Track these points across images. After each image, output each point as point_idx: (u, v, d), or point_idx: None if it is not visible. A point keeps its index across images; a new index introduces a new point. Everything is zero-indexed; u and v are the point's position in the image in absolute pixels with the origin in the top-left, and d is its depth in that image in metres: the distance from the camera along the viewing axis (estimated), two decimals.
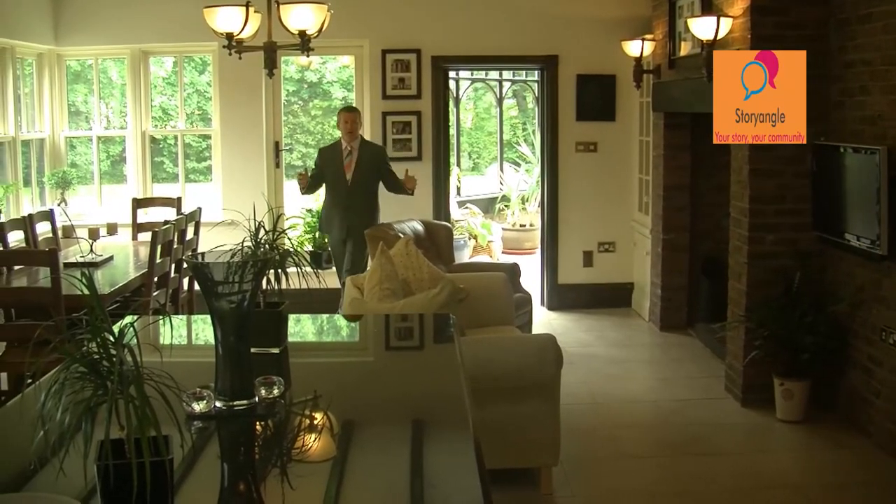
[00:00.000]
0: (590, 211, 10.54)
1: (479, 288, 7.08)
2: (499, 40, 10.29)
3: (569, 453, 6.05)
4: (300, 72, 18.04)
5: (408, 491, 2.61)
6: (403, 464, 2.79)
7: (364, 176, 8.94)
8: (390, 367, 4.20)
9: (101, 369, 2.20)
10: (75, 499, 2.34)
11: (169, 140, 14.77)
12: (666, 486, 5.95)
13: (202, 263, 3.05)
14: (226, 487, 2.72)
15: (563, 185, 10.52)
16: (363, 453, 2.91)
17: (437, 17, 10.24)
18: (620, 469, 6.23)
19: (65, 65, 10.75)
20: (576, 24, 10.23)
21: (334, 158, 8.97)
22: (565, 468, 5.97)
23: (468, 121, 19.11)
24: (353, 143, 8.91)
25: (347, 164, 8.90)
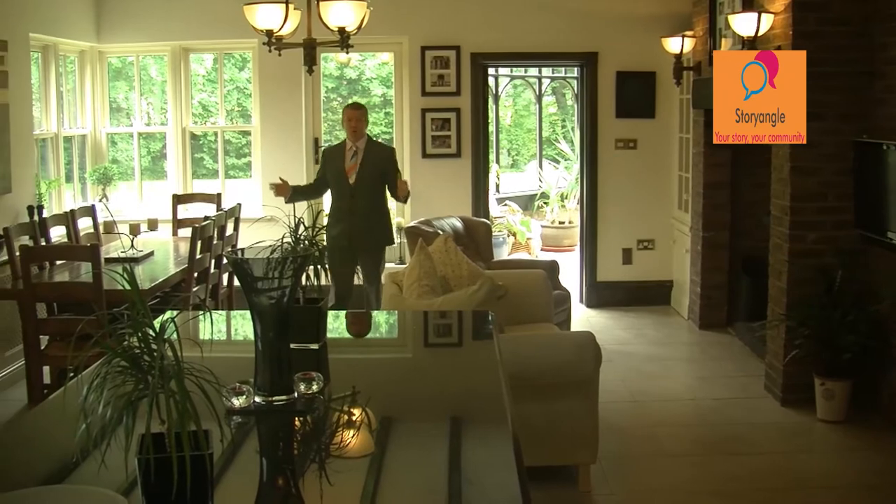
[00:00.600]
0: (629, 208, 10.50)
1: (518, 285, 7.07)
2: (538, 37, 10.27)
3: (607, 451, 6.04)
4: (339, 68, 18.06)
5: (446, 487, 2.61)
6: (441, 460, 2.79)
7: (369, 179, 8.32)
8: (429, 363, 4.20)
9: (142, 364, 2.21)
10: (116, 491, 2.36)
11: (209, 136, 14.85)
12: (703, 486, 5.92)
13: (242, 259, 3.07)
14: (264, 483, 2.73)
15: (603, 183, 10.49)
16: (401, 450, 2.92)
17: (477, 13, 10.23)
18: (658, 467, 6.21)
19: (106, 62, 10.82)
20: (616, 21, 10.19)
21: (337, 160, 8.42)
22: (603, 466, 5.95)
23: (507, 118, 19.08)
24: (359, 143, 8.36)
25: (351, 166, 8.31)
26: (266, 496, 2.62)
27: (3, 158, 8.16)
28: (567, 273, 10.01)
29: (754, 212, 9.14)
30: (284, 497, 2.66)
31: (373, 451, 2.91)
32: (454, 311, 5.32)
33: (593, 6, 10.20)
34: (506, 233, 13.66)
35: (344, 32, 6.52)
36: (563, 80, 17.86)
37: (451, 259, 6.83)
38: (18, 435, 3.56)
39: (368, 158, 8.34)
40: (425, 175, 10.34)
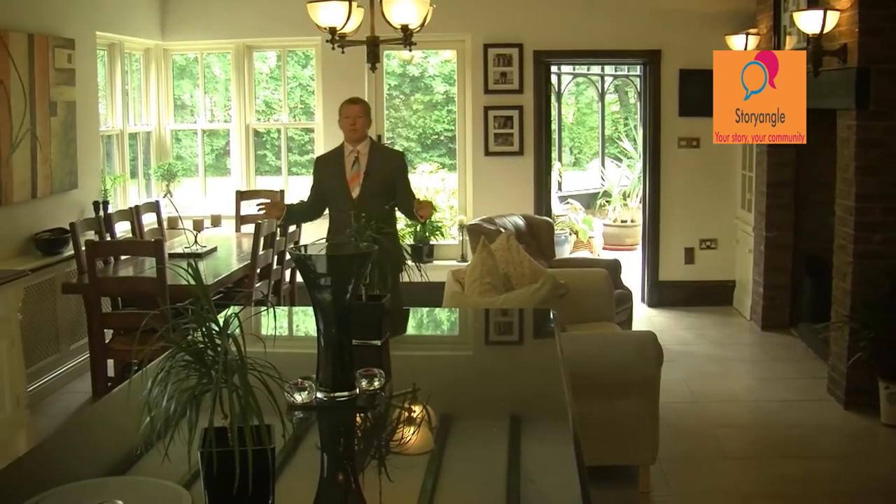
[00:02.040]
0: (692, 207, 10.42)
1: (580, 284, 7.04)
2: (601, 35, 10.22)
3: (667, 452, 6.00)
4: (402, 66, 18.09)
5: (504, 486, 2.61)
6: (501, 458, 2.79)
7: (376, 190, 6.81)
8: (490, 361, 4.20)
9: (206, 358, 2.23)
10: (178, 484, 2.38)
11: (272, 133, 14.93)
12: (763, 488, 5.86)
13: (306, 256, 3.08)
14: (325, 478, 2.75)
15: (665, 181, 10.42)
16: (461, 447, 2.92)
17: (540, 11, 10.21)
18: (718, 469, 6.15)
19: (171, 60, 10.93)
20: (679, 19, 10.12)
21: (335, 169, 6.94)
22: (663, 467, 5.92)
23: (570, 116, 19.01)
24: (360, 147, 6.92)
25: (353, 176, 6.88)
26: (326, 491, 2.64)
27: (69, 155, 8.27)
28: (629, 272, 9.95)
29: (818, 212, 9.02)
30: (344, 493, 2.67)
31: (432, 448, 2.92)
32: (515, 309, 5.32)
33: (657, 4, 10.14)
34: (568, 231, 13.61)
35: (407, 30, 6.53)
36: (625, 77, 17.77)
37: (514, 257, 6.82)
38: (82, 427, 3.60)
39: (374, 166, 6.89)
40: (488, 173, 10.34)
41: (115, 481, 2.61)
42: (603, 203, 16.04)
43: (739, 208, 10.29)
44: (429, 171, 12.65)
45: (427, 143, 18.97)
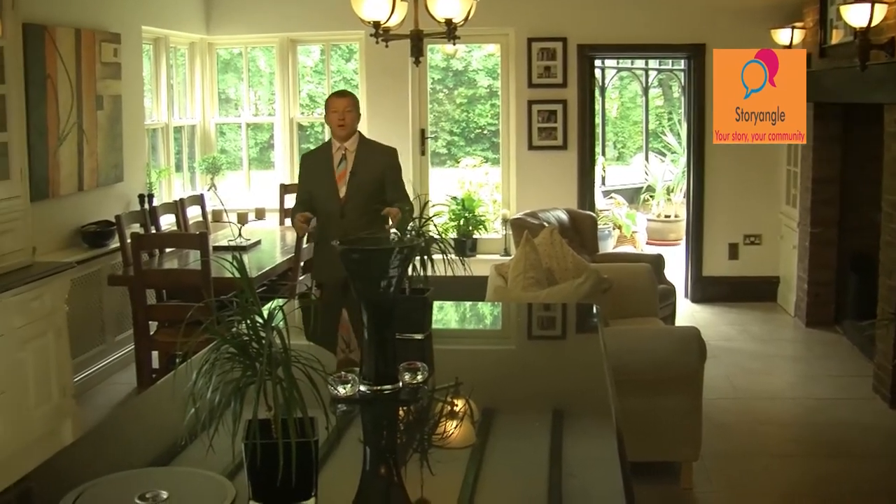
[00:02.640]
0: (736, 202, 10.35)
1: (623, 279, 7.02)
2: (645, 29, 10.17)
3: (710, 448, 5.96)
4: (446, 60, 18.09)
5: (546, 480, 2.60)
6: (543, 453, 2.79)
7: (364, 190, 6.39)
8: (532, 355, 4.20)
9: (250, 351, 2.24)
10: (221, 475, 2.40)
11: (316, 127, 14.95)
12: (806, 487, 5.82)
13: (351, 249, 3.09)
14: (367, 470, 2.76)
15: (710, 176, 10.36)
16: (503, 442, 2.92)
17: (584, 5, 10.17)
18: (761, 467, 6.11)
19: (215, 54, 10.98)
20: (723, 12, 10.04)
21: (323, 167, 6.50)
22: (706, 463, 5.88)
23: (613, 110, 18.93)
24: (348, 144, 6.46)
25: (340, 174, 6.43)
26: (369, 484, 2.65)
27: (115, 148, 8.33)
28: (672, 267, 9.91)
29: (865, 208, 8.94)
30: (386, 486, 2.68)
31: (474, 442, 2.92)
32: (558, 304, 5.31)
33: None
34: (611, 226, 13.56)
35: (451, 24, 6.53)
36: (669, 71, 17.67)
37: (557, 251, 6.80)
38: (128, 417, 3.63)
39: (362, 163, 6.45)
40: (531, 167, 10.32)
41: (159, 472, 2.63)
42: (646, 198, 15.97)
43: (784, 204, 10.21)
44: (472, 165, 12.65)
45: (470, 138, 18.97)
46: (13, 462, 5.49)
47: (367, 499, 2.53)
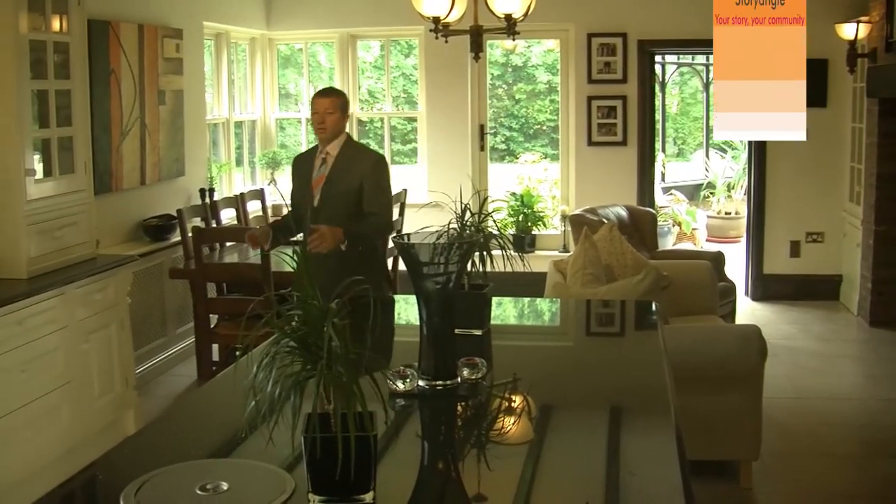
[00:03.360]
0: (798, 200, 10.24)
1: (683, 276, 6.98)
2: (706, 23, 10.01)
3: (770, 448, 5.91)
4: (505, 55, 18.08)
5: (604, 477, 2.60)
6: (600, 450, 2.78)
7: (339, 199, 5.75)
8: (590, 352, 4.19)
9: (310, 345, 2.25)
10: (280, 467, 2.42)
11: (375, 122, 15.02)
12: (867, 489, 5.75)
13: (409, 244, 3.10)
14: (425, 465, 2.76)
15: (771, 173, 10.26)
16: (560, 438, 2.92)
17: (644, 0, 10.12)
18: (822, 468, 6.04)
19: (276, 49, 11.05)
20: None
21: (305, 171, 5.95)
22: (766, 463, 5.83)
23: (673, 106, 18.82)
24: (331, 148, 5.82)
25: (317, 180, 5.83)
26: (426, 478, 2.65)
27: (177, 142, 8.41)
28: (732, 265, 9.83)
29: None
30: (444, 481, 2.68)
31: (532, 438, 2.92)
32: (617, 301, 5.29)
33: None
34: (671, 222, 13.48)
35: (510, 19, 6.52)
36: None
37: (616, 248, 6.78)
38: (188, 409, 3.67)
39: (341, 169, 5.80)
40: (591, 163, 10.28)
41: (218, 463, 2.65)
42: (707, 194, 15.86)
43: (847, 201, 10.09)
44: (531, 160, 12.63)
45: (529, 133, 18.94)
46: (77, 451, 5.58)
47: (424, 493, 2.54)
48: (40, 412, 5.39)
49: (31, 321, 5.32)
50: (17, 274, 5.60)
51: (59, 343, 5.57)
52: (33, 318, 5.35)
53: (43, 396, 5.41)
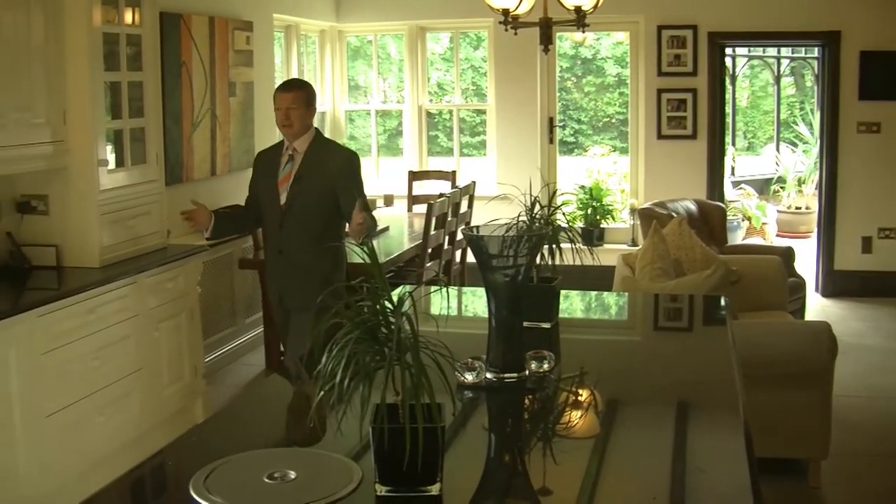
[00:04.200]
0: (870, 195, 10.10)
1: (753, 271, 6.92)
2: (778, 15, 9.97)
3: (839, 447, 5.82)
4: (574, 48, 18.03)
5: (670, 473, 2.58)
6: (667, 446, 2.77)
7: (309, 199, 5.47)
8: (658, 347, 4.16)
9: (379, 336, 2.27)
10: (347, 457, 2.44)
11: (444, 115, 15.05)
12: None
13: (479, 236, 3.10)
14: (491, 457, 2.77)
15: (843, 167, 10.12)
16: (626, 433, 2.90)
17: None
18: (892, 468, 5.95)
19: (345, 41, 11.10)
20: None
21: (270, 168, 5.62)
22: (835, 462, 5.75)
23: (744, 99, 18.65)
24: (298, 144, 5.51)
25: (283, 178, 5.52)
26: (493, 471, 2.66)
27: (247, 134, 8.48)
28: (802, 260, 9.72)
29: None
30: (510, 473, 2.69)
31: (598, 432, 2.91)
32: (685, 295, 5.25)
33: None
34: (740, 217, 13.38)
35: (580, 11, 6.50)
36: (802, 59, 17.32)
37: (685, 242, 6.74)
38: (256, 398, 3.70)
39: (311, 167, 5.49)
40: (660, 156, 10.22)
41: (286, 452, 2.68)
42: (777, 189, 15.71)
43: None
44: (600, 154, 12.59)
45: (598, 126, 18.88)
46: (147, 437, 5.65)
47: (491, 485, 2.54)
48: (112, 398, 5.48)
49: (103, 309, 5.40)
50: (90, 263, 5.70)
51: (130, 331, 5.65)
52: (105, 306, 5.43)
53: (114, 383, 5.50)
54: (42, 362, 4.91)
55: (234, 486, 2.35)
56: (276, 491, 2.32)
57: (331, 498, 2.25)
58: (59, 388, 5.04)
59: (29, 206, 5.75)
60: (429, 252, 7.69)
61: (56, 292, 5.26)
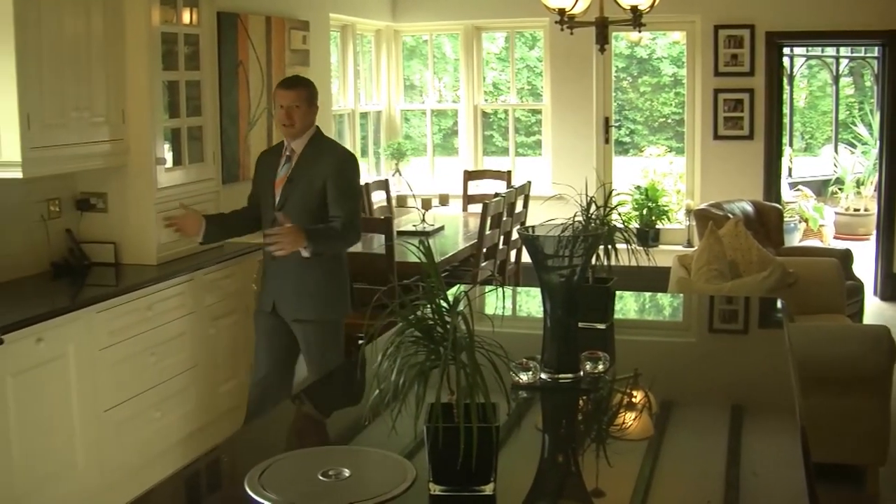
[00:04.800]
0: None
1: (810, 273, 6.85)
2: (837, 15, 9.86)
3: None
4: (630, 47, 17.96)
5: (723, 477, 2.57)
6: (721, 449, 2.75)
7: (301, 201, 5.26)
8: (713, 349, 4.14)
9: (435, 335, 2.27)
10: (401, 455, 2.44)
11: (499, 114, 15.05)
12: None
13: (535, 236, 3.10)
14: (545, 458, 2.77)
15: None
16: (680, 435, 2.89)
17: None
18: None
19: (401, 41, 11.13)
20: None
21: (269, 169, 5.43)
22: (893, 469, 5.67)
23: (801, 99, 18.48)
24: (296, 144, 5.32)
25: (280, 180, 5.33)
26: (546, 471, 2.65)
27: None
28: (861, 263, 9.61)
29: None
30: (563, 474, 2.68)
31: (652, 434, 2.90)
32: (741, 297, 5.21)
33: None
34: (797, 219, 13.25)
35: (636, 11, 6.48)
36: (861, 59, 17.13)
37: (741, 243, 6.69)
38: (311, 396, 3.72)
39: (305, 168, 5.29)
40: (716, 157, 10.15)
41: (341, 450, 2.69)
42: (835, 190, 15.54)
43: None
44: (656, 154, 12.53)
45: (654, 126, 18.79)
46: (202, 434, 5.70)
47: (544, 486, 2.54)
48: (167, 395, 5.53)
49: (160, 306, 5.45)
50: (147, 260, 5.76)
51: (186, 328, 5.70)
52: (162, 303, 5.48)
53: (170, 379, 5.55)
54: (100, 358, 4.97)
55: (288, 483, 2.36)
56: (330, 488, 2.34)
57: (384, 496, 2.26)
58: (116, 383, 5.10)
59: (88, 203, 5.83)
60: (483, 252, 7.69)
61: (114, 289, 5.32)
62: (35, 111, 4.89)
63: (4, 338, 4.28)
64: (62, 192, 5.73)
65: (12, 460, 4.41)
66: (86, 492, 4.88)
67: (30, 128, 4.84)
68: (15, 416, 4.42)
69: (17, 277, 5.35)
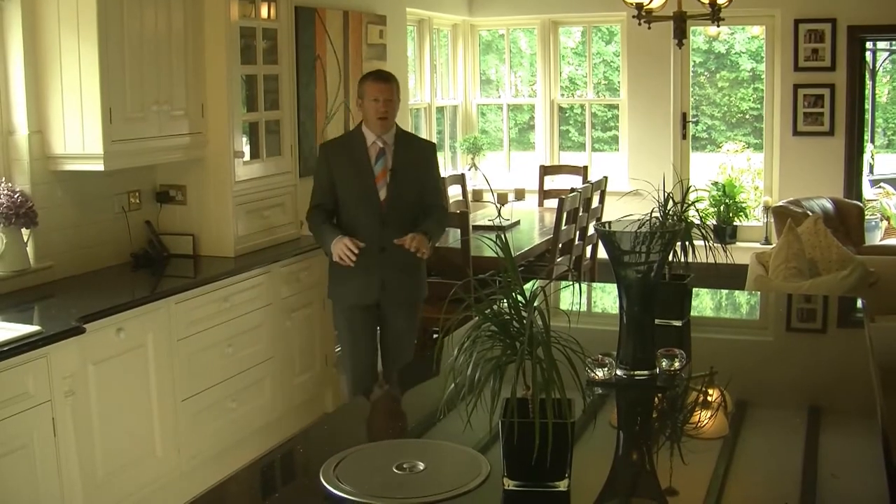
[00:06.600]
0: None
1: (891, 272, 6.75)
2: None
3: None
4: (708, 42, 17.76)
5: (800, 478, 2.54)
6: (798, 450, 2.72)
7: (407, 193, 5.32)
8: (790, 348, 4.09)
9: (511, 330, 2.27)
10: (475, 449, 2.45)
11: (575, 109, 14.99)
12: None
13: (612, 232, 3.09)
14: (619, 455, 2.76)
15: None
16: (757, 435, 2.87)
17: None
18: None
19: (477, 35, 11.14)
20: None
21: (356, 164, 5.30)
22: None
23: (884, 95, 18.18)
24: (387, 137, 5.31)
25: (380, 174, 5.28)
26: (620, 468, 2.65)
27: None
28: None
29: None
30: (637, 472, 2.67)
31: (727, 433, 2.88)
32: (819, 296, 5.15)
33: None
34: (879, 217, 13.04)
35: (715, 5, 6.43)
36: None
37: (821, 241, 6.60)
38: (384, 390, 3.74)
39: (403, 161, 5.33)
40: (795, 153, 10.02)
41: (416, 443, 2.70)
42: None
43: None
44: (734, 150, 12.41)
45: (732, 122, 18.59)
46: (279, 424, 5.76)
47: (618, 483, 2.53)
48: (244, 385, 5.58)
49: (237, 298, 5.51)
50: (225, 252, 5.82)
51: (263, 320, 5.75)
52: (239, 294, 5.53)
53: (247, 370, 5.60)
54: (178, 348, 5.03)
55: (363, 476, 2.38)
56: (404, 481, 2.35)
57: (459, 490, 2.27)
58: (193, 373, 5.16)
59: (168, 195, 5.90)
60: (559, 247, 7.66)
61: (192, 280, 5.39)
62: (117, 105, 4.97)
63: (86, 327, 4.35)
64: (142, 184, 5.81)
65: (94, 447, 4.48)
66: (164, 479, 4.95)
67: (111, 121, 4.92)
68: (96, 404, 4.49)
69: (99, 268, 5.43)
